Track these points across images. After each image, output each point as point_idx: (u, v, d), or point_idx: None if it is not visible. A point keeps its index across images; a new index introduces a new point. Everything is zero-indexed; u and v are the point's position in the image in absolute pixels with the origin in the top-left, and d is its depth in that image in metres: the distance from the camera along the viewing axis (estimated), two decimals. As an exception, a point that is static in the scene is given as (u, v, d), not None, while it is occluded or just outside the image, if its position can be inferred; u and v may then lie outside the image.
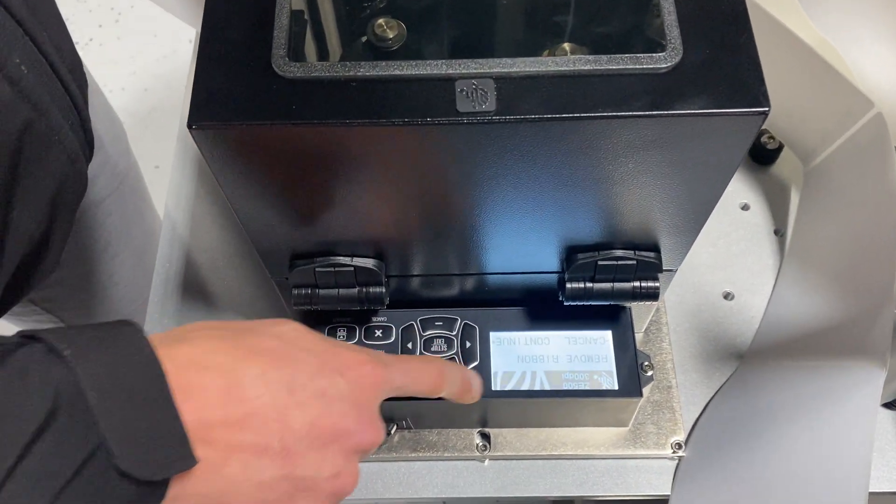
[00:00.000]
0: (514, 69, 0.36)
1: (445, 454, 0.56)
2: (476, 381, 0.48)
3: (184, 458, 0.31)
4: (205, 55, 0.37)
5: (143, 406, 0.30)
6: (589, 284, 0.49)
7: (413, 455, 0.57)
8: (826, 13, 0.57)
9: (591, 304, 0.50)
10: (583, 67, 0.36)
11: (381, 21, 0.41)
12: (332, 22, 0.43)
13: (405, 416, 0.55)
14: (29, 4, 0.46)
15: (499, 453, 0.56)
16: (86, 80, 0.55)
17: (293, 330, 0.38)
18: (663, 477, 0.57)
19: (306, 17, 0.41)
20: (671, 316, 0.62)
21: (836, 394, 0.52)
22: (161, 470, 0.31)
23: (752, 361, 0.60)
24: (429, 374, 0.44)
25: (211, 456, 0.33)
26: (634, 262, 0.47)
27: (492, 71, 0.36)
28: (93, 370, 0.30)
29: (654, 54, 0.36)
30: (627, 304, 0.52)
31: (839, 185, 0.61)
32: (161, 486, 0.31)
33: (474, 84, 0.36)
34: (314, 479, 0.36)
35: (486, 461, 0.57)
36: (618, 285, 0.49)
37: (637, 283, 0.49)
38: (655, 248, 0.47)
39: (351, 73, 0.36)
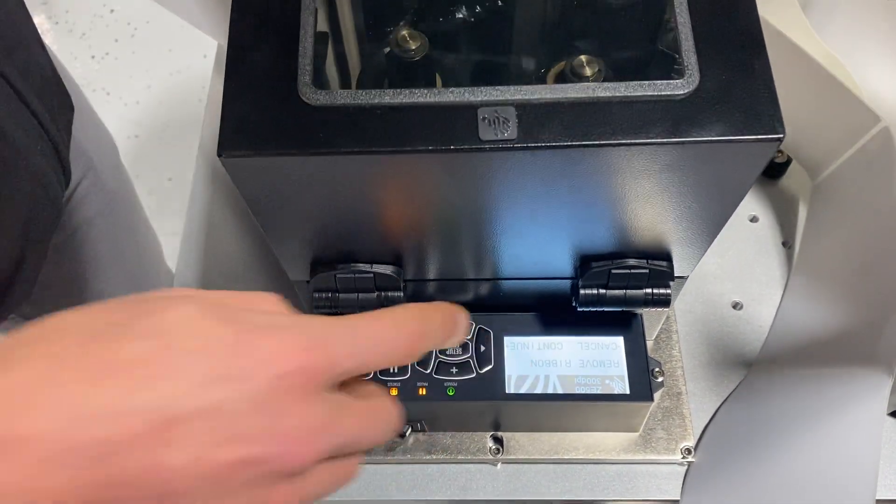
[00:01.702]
0: (535, 96, 0.37)
1: (459, 457, 0.57)
2: (461, 315, 0.34)
3: None
4: (232, 83, 0.37)
5: None
6: (602, 291, 0.50)
7: (427, 457, 0.58)
8: (833, 28, 0.58)
9: (603, 311, 0.52)
10: (601, 94, 0.37)
11: (404, 32, 0.43)
12: (356, 38, 0.45)
13: (420, 418, 0.56)
14: None
15: (511, 457, 0.57)
16: (66, 104, 0.53)
17: (185, 319, 0.26)
18: (673, 482, 0.57)
19: (330, 35, 0.42)
20: (681, 325, 0.63)
21: (843, 402, 0.53)
22: None
23: (760, 370, 0.61)
24: (397, 340, 0.31)
25: None
26: (647, 270, 0.48)
27: (513, 98, 0.37)
28: None
29: (671, 81, 0.37)
30: (639, 311, 0.54)
31: (846, 198, 0.62)
32: None
33: (496, 112, 0.36)
34: None
35: (499, 464, 0.58)
36: (630, 292, 0.50)
37: (649, 290, 0.50)
38: (667, 258, 0.48)
39: (376, 101, 0.37)
